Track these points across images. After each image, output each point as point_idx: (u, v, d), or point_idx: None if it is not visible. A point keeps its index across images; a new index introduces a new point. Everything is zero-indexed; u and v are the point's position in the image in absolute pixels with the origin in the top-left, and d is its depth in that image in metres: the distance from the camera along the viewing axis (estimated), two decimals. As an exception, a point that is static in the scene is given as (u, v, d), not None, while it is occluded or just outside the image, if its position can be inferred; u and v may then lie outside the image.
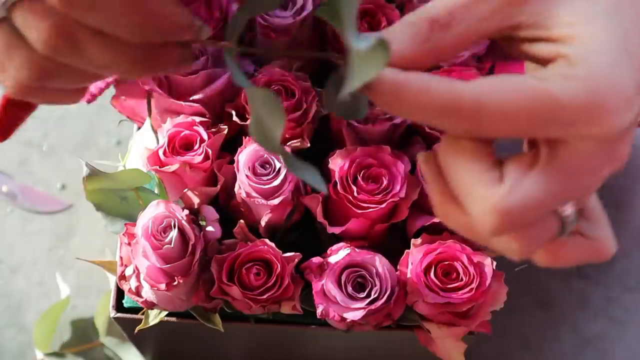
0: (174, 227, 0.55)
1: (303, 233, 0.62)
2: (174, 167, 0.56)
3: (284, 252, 0.57)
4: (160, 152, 0.57)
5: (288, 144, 0.58)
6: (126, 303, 0.62)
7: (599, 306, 0.84)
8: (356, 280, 0.56)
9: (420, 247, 0.57)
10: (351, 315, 0.55)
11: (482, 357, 0.81)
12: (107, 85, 0.61)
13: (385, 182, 0.56)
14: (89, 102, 0.61)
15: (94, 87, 0.61)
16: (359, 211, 0.56)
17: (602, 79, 0.32)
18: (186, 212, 0.56)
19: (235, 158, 0.58)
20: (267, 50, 0.65)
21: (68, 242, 0.87)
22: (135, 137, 0.63)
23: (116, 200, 0.60)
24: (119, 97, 0.62)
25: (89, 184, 0.58)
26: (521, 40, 0.35)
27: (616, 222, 0.93)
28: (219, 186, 0.58)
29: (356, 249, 0.57)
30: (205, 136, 0.57)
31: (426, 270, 0.56)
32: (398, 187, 0.56)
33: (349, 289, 0.56)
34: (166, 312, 0.60)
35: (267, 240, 0.56)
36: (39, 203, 0.88)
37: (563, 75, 0.32)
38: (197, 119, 0.58)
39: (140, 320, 0.60)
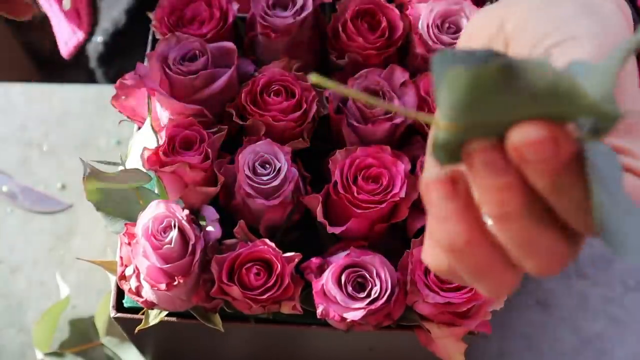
0: (174, 227, 0.55)
1: (303, 233, 0.62)
2: (173, 167, 0.56)
3: (284, 252, 0.57)
4: (160, 152, 0.57)
5: (288, 144, 0.59)
6: (126, 303, 0.62)
7: (599, 306, 0.84)
8: (356, 280, 0.56)
9: (421, 247, 0.57)
10: (351, 315, 0.55)
11: (482, 357, 0.81)
12: (79, 42, 0.62)
13: (385, 182, 0.56)
14: (67, 56, 0.63)
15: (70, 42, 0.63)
16: (359, 211, 0.56)
17: None
18: (186, 212, 0.56)
19: (235, 158, 0.58)
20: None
21: (68, 242, 0.87)
22: (135, 137, 0.63)
23: (116, 200, 0.60)
24: (119, 97, 0.62)
25: (89, 184, 0.58)
26: None
27: (616, 222, 0.93)
28: (219, 186, 0.58)
29: (356, 249, 0.57)
30: (205, 136, 0.57)
31: (426, 270, 0.56)
32: (398, 187, 0.56)
33: (349, 289, 0.56)
34: (166, 312, 0.60)
35: (267, 240, 0.56)
36: (39, 203, 0.88)
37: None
38: (197, 119, 0.58)
39: (140, 320, 0.60)
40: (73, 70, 1.06)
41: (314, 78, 0.27)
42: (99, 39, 1.02)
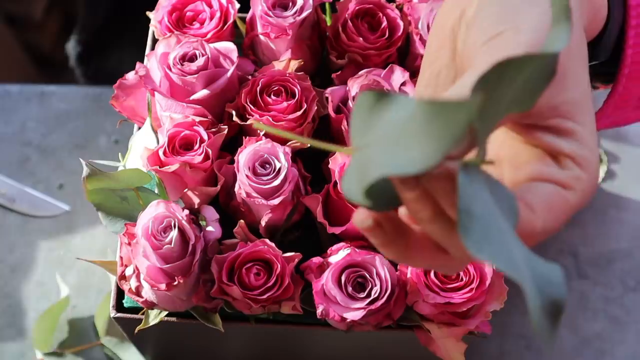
0: (174, 227, 0.55)
1: (303, 233, 0.62)
2: (174, 167, 0.56)
3: (284, 252, 0.57)
4: (160, 152, 0.57)
5: (288, 144, 0.59)
6: (126, 303, 0.62)
7: (599, 306, 0.84)
8: (356, 280, 0.56)
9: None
10: (351, 315, 0.55)
11: (482, 357, 0.81)
12: None
13: (385, 182, 0.56)
14: None
15: None
16: (359, 211, 0.56)
17: (596, 176, 0.39)
18: (186, 212, 0.56)
19: (235, 158, 0.58)
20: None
21: (68, 242, 0.86)
22: (135, 137, 0.63)
23: (116, 200, 0.60)
24: (119, 97, 0.62)
25: (89, 184, 0.58)
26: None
27: (616, 222, 0.94)
28: (219, 186, 0.58)
29: (356, 249, 0.57)
30: (205, 136, 0.57)
31: (426, 270, 0.56)
32: (398, 187, 0.56)
33: (349, 289, 0.56)
34: (166, 312, 0.60)
35: (267, 240, 0.56)
36: (37, 207, 0.88)
37: (576, 177, 0.39)
38: (197, 119, 0.58)
39: (140, 320, 0.60)
40: (72, 70, 1.06)
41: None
42: (77, 38, 1.02)
